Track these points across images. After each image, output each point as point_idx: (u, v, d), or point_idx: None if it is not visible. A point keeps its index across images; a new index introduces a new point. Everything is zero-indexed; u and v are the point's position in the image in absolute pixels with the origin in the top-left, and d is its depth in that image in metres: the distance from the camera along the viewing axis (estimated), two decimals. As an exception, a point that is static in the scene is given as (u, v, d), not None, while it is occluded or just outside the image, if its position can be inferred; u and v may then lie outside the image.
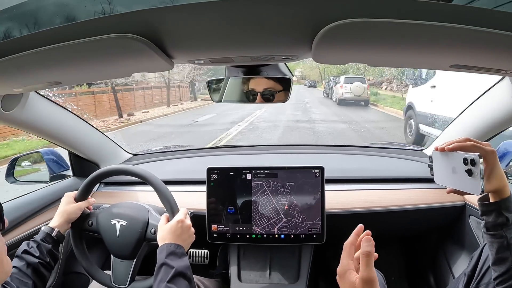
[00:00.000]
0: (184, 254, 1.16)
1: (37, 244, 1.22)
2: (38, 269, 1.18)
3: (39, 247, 1.21)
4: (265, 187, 1.56)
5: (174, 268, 1.08)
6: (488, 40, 0.64)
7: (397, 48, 0.79)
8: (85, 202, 1.39)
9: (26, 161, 1.92)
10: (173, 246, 1.15)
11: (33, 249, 1.20)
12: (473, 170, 0.92)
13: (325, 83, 24.93)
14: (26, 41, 0.68)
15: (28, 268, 1.16)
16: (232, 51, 0.90)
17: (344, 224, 1.68)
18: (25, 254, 1.18)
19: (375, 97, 19.86)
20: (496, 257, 0.96)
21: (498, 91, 1.45)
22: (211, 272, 2.00)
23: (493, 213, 0.96)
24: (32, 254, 1.19)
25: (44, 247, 1.23)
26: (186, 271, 1.10)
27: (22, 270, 1.14)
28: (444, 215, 1.73)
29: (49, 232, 1.26)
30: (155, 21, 0.65)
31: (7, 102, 1.29)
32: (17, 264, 1.15)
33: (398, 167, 1.95)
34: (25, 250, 1.19)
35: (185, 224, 1.23)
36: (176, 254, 1.13)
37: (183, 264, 1.11)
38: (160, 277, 1.08)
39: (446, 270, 1.78)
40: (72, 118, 1.74)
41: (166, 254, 1.12)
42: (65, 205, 1.35)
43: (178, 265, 1.09)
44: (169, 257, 1.12)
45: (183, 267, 1.10)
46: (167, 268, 1.09)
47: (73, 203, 1.36)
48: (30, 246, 1.21)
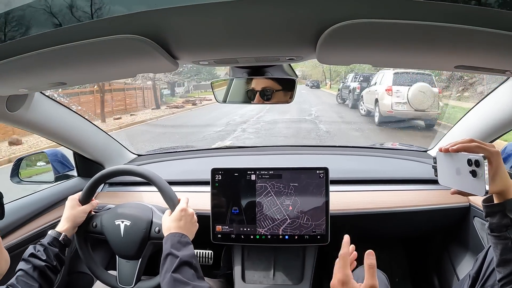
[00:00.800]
0: (188, 242, 1.16)
1: (44, 248, 1.22)
2: (44, 272, 1.18)
3: (46, 251, 1.21)
4: (269, 189, 1.56)
5: (179, 257, 1.08)
6: (492, 41, 0.63)
7: (402, 48, 0.79)
8: (89, 205, 1.39)
9: (31, 161, 1.92)
10: (178, 235, 1.16)
11: (40, 252, 1.20)
12: (478, 171, 0.92)
13: (341, 84, 17.46)
14: (32, 42, 0.69)
15: (34, 271, 1.15)
16: (236, 52, 0.91)
17: (348, 225, 1.68)
18: (31, 257, 1.18)
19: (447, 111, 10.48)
20: (501, 258, 0.96)
21: (502, 92, 1.44)
22: (215, 273, 2.00)
23: (497, 215, 0.96)
24: (39, 257, 1.19)
25: (51, 250, 1.23)
26: (191, 259, 1.10)
27: (28, 273, 1.14)
28: (448, 216, 1.73)
29: (56, 237, 1.27)
30: (160, 22, 0.65)
31: (12, 102, 1.29)
32: (24, 267, 1.15)
33: (403, 168, 1.95)
34: (32, 254, 1.19)
35: (188, 213, 1.24)
36: (181, 243, 1.14)
37: (188, 253, 1.11)
38: (166, 267, 1.08)
39: (451, 272, 1.77)
40: (77, 118, 1.75)
41: (171, 244, 1.13)
42: (71, 209, 1.35)
43: (183, 254, 1.09)
44: (174, 246, 1.12)
45: (188, 256, 1.10)
46: (172, 257, 1.09)
47: (78, 207, 1.37)
48: (37, 250, 1.20)
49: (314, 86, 28.84)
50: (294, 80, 1.30)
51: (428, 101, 9.32)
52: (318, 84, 29.32)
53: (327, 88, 27.45)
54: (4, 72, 0.89)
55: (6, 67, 0.82)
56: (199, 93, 27.76)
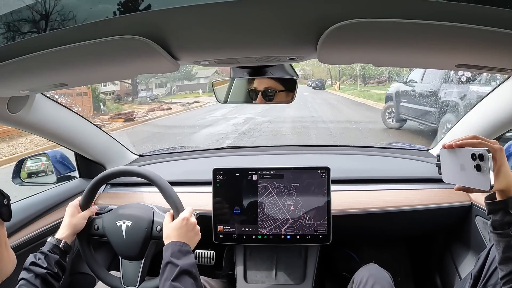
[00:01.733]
0: (189, 251, 1.16)
1: (45, 255, 1.21)
2: (46, 279, 1.17)
3: (46, 258, 1.21)
4: (271, 189, 1.56)
5: (179, 266, 1.07)
6: (493, 39, 0.63)
7: (402, 48, 0.79)
8: (88, 211, 1.39)
9: (33, 163, 1.93)
10: (178, 244, 1.15)
11: (40, 260, 1.19)
12: (482, 165, 0.91)
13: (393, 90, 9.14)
14: (32, 43, 0.69)
15: (36, 279, 1.15)
16: (237, 52, 0.91)
17: (350, 224, 1.68)
18: (32, 265, 1.17)
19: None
20: (503, 256, 0.96)
21: (504, 90, 1.44)
22: (217, 273, 2.00)
23: (500, 212, 0.95)
24: (40, 265, 1.18)
25: (52, 258, 1.22)
26: (191, 269, 1.10)
27: (30, 281, 1.13)
28: (450, 215, 1.72)
29: (57, 244, 1.26)
30: (160, 23, 0.65)
31: (13, 104, 1.29)
32: (26, 276, 1.14)
33: (404, 167, 1.95)
34: (33, 262, 1.18)
35: (190, 222, 1.22)
36: (181, 252, 1.13)
37: (188, 262, 1.11)
38: (165, 275, 1.08)
39: (453, 271, 1.77)
40: (78, 119, 1.75)
41: (171, 252, 1.12)
42: (71, 217, 1.35)
43: (183, 263, 1.09)
44: (174, 255, 1.11)
45: (188, 265, 1.10)
46: (172, 266, 1.08)
47: (78, 214, 1.36)
48: (37, 258, 1.20)
49: (318, 86, 25.24)
50: (295, 80, 1.30)
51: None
52: (323, 85, 25.63)
53: (335, 90, 23.73)
54: (5, 73, 0.89)
55: (7, 68, 0.82)
56: (184, 95, 25.26)
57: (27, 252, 1.47)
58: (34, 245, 1.55)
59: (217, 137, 9.67)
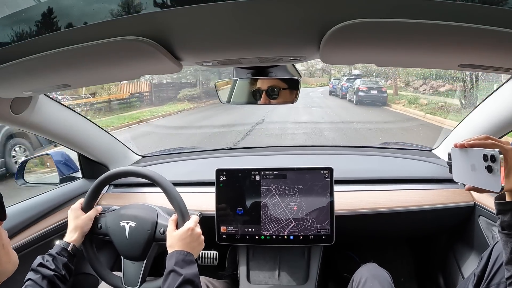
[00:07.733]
0: (193, 261, 1.16)
1: (53, 258, 1.22)
2: (53, 281, 1.17)
3: (54, 260, 1.21)
4: (274, 191, 1.56)
5: (183, 275, 1.08)
6: (497, 39, 0.63)
7: (405, 48, 0.78)
8: (93, 210, 1.38)
9: (37, 163, 1.93)
10: (183, 254, 1.15)
11: (48, 262, 1.20)
12: (493, 166, 0.91)
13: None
14: (35, 44, 0.69)
15: (43, 280, 1.15)
16: (240, 53, 0.91)
17: (353, 225, 1.68)
18: (40, 267, 1.18)
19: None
20: (510, 256, 0.95)
21: (507, 90, 1.44)
22: (220, 274, 2.00)
23: (509, 212, 0.95)
24: (47, 267, 1.18)
25: (60, 260, 1.22)
26: (194, 278, 1.10)
27: (37, 282, 1.14)
28: (453, 215, 1.72)
29: (65, 247, 1.26)
30: (163, 24, 0.65)
31: (17, 105, 1.30)
32: (33, 277, 1.15)
33: (407, 167, 1.94)
34: (41, 263, 1.19)
35: (195, 232, 1.22)
36: (185, 262, 1.13)
37: (191, 271, 1.11)
38: (168, 284, 1.08)
39: (456, 271, 1.76)
40: (81, 120, 1.75)
41: (175, 261, 1.12)
42: (75, 219, 1.35)
43: (187, 273, 1.09)
44: (178, 264, 1.11)
45: (192, 274, 1.10)
46: (175, 275, 1.09)
47: (81, 215, 1.36)
48: (45, 260, 1.20)
49: (374, 99, 13.28)
50: (298, 80, 1.30)
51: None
52: (382, 95, 13.36)
53: (397, 105, 12.86)
54: (8, 74, 0.89)
55: (10, 69, 0.82)
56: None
57: (30, 252, 1.48)
58: (37, 245, 1.55)
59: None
